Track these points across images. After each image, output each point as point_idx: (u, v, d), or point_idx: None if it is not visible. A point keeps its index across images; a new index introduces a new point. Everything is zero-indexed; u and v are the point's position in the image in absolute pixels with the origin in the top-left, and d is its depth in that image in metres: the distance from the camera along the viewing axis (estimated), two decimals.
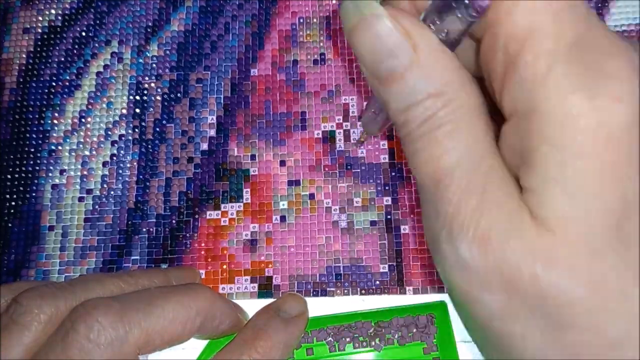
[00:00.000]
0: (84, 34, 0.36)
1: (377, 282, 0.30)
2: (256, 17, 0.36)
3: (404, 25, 0.15)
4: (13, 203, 0.33)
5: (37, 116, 0.35)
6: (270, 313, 0.26)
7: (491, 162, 0.15)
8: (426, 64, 0.14)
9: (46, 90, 0.35)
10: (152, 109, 0.34)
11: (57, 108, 0.35)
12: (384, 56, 0.15)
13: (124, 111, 0.34)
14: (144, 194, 0.33)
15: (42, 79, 0.35)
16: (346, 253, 0.31)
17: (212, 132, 0.34)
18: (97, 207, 0.33)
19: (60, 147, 0.34)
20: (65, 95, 0.35)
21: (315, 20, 0.35)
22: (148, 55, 0.35)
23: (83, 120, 0.34)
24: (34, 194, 0.33)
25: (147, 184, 0.33)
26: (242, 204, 0.32)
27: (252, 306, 0.30)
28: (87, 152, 0.34)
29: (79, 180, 0.33)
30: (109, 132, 0.34)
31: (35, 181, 0.33)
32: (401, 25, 0.15)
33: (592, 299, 0.13)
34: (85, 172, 0.33)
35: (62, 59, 0.36)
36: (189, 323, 0.20)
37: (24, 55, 0.36)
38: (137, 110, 0.34)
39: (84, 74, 0.35)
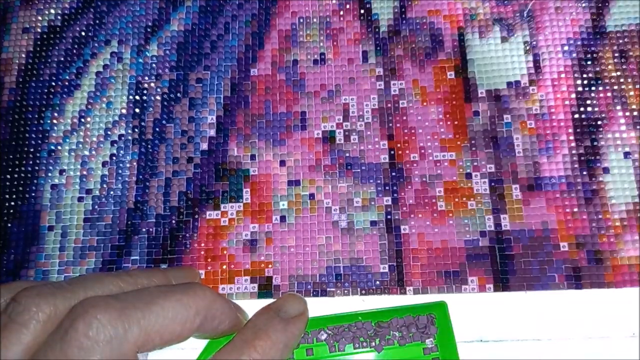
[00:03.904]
0: (83, 33, 0.36)
1: (377, 282, 0.30)
2: (256, 17, 0.36)
3: None
4: (13, 203, 0.33)
5: (36, 116, 0.34)
6: (270, 313, 0.25)
7: None
8: None
9: (45, 90, 0.35)
10: (151, 109, 0.34)
11: (57, 108, 0.35)
12: None
13: (124, 111, 0.34)
14: (143, 194, 0.33)
15: (41, 78, 0.35)
16: (346, 253, 0.31)
17: (212, 132, 0.33)
18: (96, 207, 0.33)
19: (59, 147, 0.34)
20: (64, 95, 0.35)
21: (315, 20, 0.35)
22: (148, 55, 0.35)
23: (82, 120, 0.34)
24: (33, 194, 0.33)
25: (147, 184, 0.33)
26: (242, 204, 0.32)
27: (252, 306, 0.30)
28: (86, 152, 0.34)
29: (78, 180, 0.33)
30: (109, 132, 0.34)
31: (35, 181, 0.33)
32: None
33: None
34: (84, 172, 0.33)
35: (62, 59, 0.35)
36: (188, 322, 0.20)
37: (23, 55, 0.36)
38: (137, 110, 0.34)
39: (83, 74, 0.35)
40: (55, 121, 0.34)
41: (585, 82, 0.33)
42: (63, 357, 0.17)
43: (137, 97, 0.34)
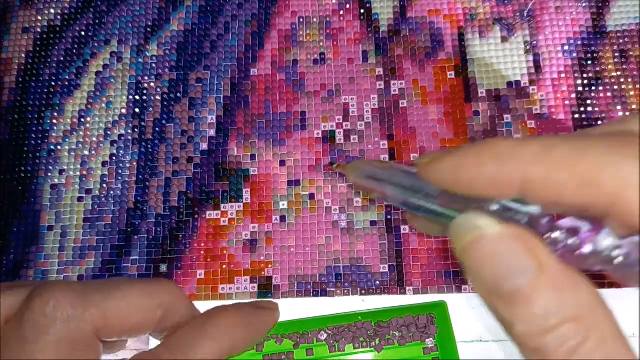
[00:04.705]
0: (83, 33, 0.36)
1: (377, 282, 0.30)
2: (256, 17, 0.36)
3: (529, 242, 0.14)
4: (13, 203, 0.33)
5: (36, 116, 0.34)
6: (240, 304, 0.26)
7: None
8: (556, 284, 0.14)
9: (45, 90, 0.35)
10: (151, 109, 0.34)
11: (57, 108, 0.35)
12: (507, 275, 0.14)
13: (124, 111, 0.34)
14: (143, 194, 0.33)
15: (41, 78, 0.35)
16: (346, 253, 0.31)
17: (212, 132, 0.33)
18: (96, 207, 0.33)
19: (59, 147, 0.34)
20: (64, 95, 0.35)
21: (315, 20, 0.35)
22: (148, 54, 0.35)
23: (82, 120, 0.34)
24: (33, 194, 0.33)
25: (147, 184, 0.33)
26: (242, 204, 0.32)
27: None
28: (86, 152, 0.34)
29: (78, 180, 0.33)
30: (109, 132, 0.34)
31: (35, 181, 0.33)
32: (525, 242, 0.14)
33: None
34: (84, 172, 0.33)
35: (62, 59, 0.35)
36: (150, 313, 0.20)
37: (23, 55, 0.36)
38: (137, 110, 0.34)
39: (83, 74, 0.35)
40: (55, 121, 0.34)
41: (585, 82, 0.33)
42: (18, 334, 0.17)
43: (137, 97, 0.34)
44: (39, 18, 0.36)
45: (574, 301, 0.14)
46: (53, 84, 0.35)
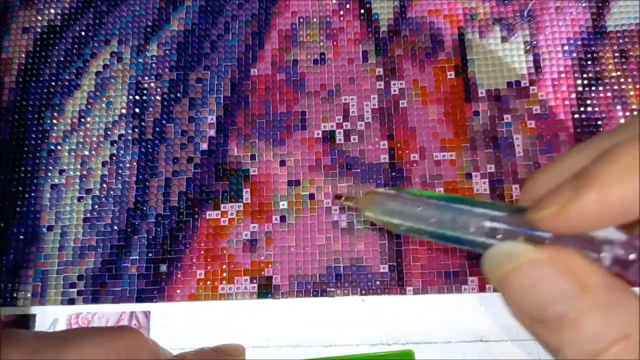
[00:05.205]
0: (83, 33, 0.36)
1: (377, 282, 0.30)
2: (256, 17, 0.36)
3: (568, 264, 0.13)
4: (13, 203, 0.33)
5: (36, 116, 0.34)
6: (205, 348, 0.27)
7: None
8: (601, 304, 0.13)
9: (45, 90, 0.35)
10: (151, 109, 0.34)
11: (57, 108, 0.35)
12: (550, 303, 0.13)
13: (124, 111, 0.34)
14: (143, 194, 0.33)
15: (41, 78, 0.35)
16: (346, 253, 0.31)
17: (212, 132, 0.33)
18: (96, 207, 0.33)
19: (59, 147, 0.34)
20: (64, 95, 0.35)
21: (315, 20, 0.35)
22: (148, 54, 0.35)
23: (82, 120, 0.34)
24: (33, 194, 0.33)
25: (147, 184, 0.33)
26: (242, 204, 0.32)
27: (252, 306, 0.30)
28: (86, 152, 0.34)
29: (78, 180, 0.33)
30: (109, 132, 0.34)
31: (35, 181, 0.33)
32: (564, 265, 0.13)
33: None
34: (84, 172, 0.33)
35: (62, 59, 0.35)
36: None
37: (23, 55, 0.36)
38: (137, 110, 0.34)
39: (83, 74, 0.35)
40: (55, 121, 0.34)
41: (585, 82, 0.33)
42: None
43: (137, 97, 0.34)
44: (39, 18, 0.36)
45: (622, 319, 0.13)
46: (53, 84, 0.35)
